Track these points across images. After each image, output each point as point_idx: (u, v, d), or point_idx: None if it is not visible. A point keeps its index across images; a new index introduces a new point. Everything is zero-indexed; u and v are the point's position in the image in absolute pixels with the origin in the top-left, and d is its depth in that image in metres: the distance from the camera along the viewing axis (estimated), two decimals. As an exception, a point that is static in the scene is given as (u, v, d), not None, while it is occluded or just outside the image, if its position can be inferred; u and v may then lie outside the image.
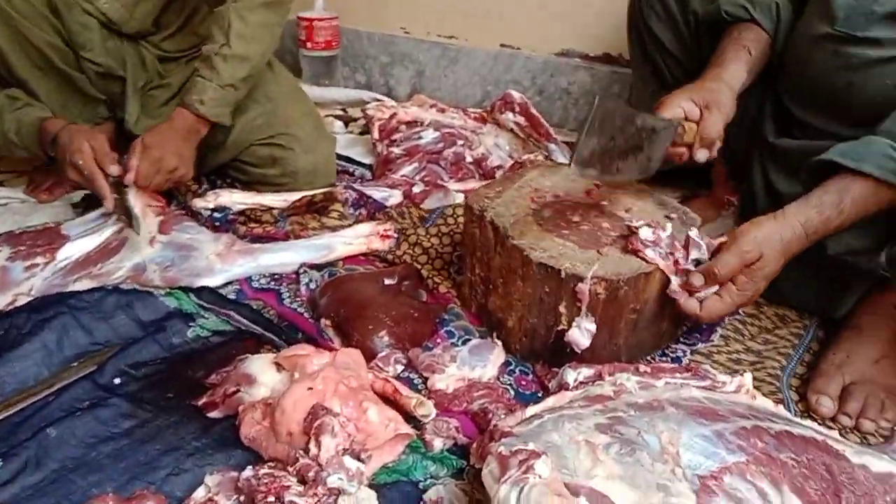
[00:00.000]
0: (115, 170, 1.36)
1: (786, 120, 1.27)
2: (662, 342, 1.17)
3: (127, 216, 1.37)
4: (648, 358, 1.15)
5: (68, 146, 1.37)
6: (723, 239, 1.05)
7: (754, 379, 1.06)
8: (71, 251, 1.32)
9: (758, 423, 0.88)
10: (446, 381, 1.06)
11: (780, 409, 0.95)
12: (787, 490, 0.79)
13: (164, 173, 1.40)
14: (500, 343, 1.15)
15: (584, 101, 2.14)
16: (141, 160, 1.37)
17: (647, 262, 1.04)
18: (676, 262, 1.05)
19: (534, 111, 1.79)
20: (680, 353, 1.17)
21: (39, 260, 1.29)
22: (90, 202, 1.57)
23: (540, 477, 0.70)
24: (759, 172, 1.28)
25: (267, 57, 1.54)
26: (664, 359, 1.15)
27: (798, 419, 0.95)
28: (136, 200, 1.37)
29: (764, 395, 0.99)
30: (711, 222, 1.44)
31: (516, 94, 1.79)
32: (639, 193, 1.24)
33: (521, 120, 1.80)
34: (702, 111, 1.11)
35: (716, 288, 1.02)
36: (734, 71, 1.17)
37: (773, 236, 1.00)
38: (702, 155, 1.13)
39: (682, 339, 1.20)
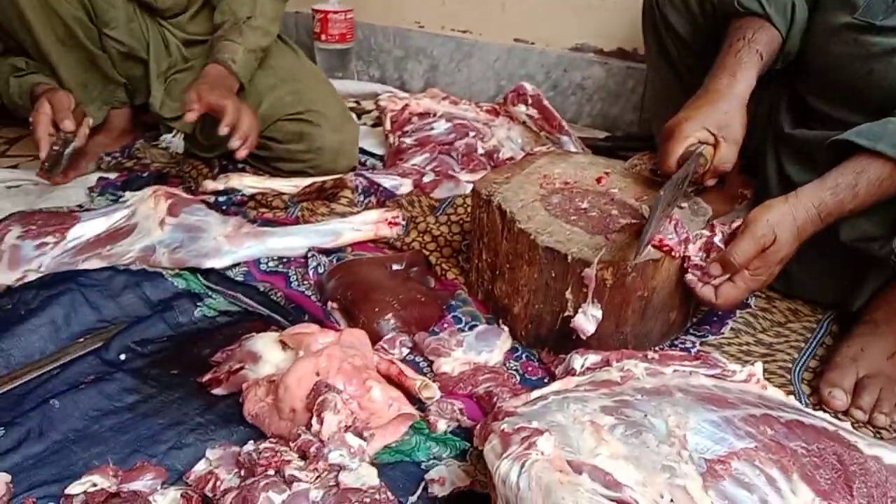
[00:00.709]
0: (68, 125, 1.45)
1: (803, 111, 1.25)
2: (671, 333, 1.15)
3: (54, 164, 1.50)
4: (657, 348, 1.13)
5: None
6: (738, 223, 1.04)
7: (765, 371, 1.04)
8: (81, 231, 1.33)
9: (768, 412, 0.86)
10: (452, 364, 1.05)
11: (791, 400, 0.93)
12: (797, 478, 0.78)
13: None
14: (506, 329, 1.14)
15: (597, 97, 2.12)
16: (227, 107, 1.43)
17: (660, 248, 1.02)
18: (687, 256, 1.04)
19: (546, 103, 1.78)
20: (689, 345, 1.15)
21: (50, 239, 1.30)
22: (104, 188, 1.58)
23: (542, 454, 0.69)
24: (773, 164, 1.26)
25: (273, 36, 1.61)
26: (673, 349, 1.14)
27: (810, 410, 0.93)
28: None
29: (775, 386, 0.97)
30: (724, 216, 1.42)
31: (529, 87, 1.79)
32: (650, 183, 1.22)
33: (533, 112, 1.79)
34: (717, 139, 1.11)
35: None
36: (747, 80, 1.14)
37: (786, 219, 0.99)
38: (712, 182, 1.17)
39: (691, 331, 1.18)
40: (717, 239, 1.04)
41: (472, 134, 1.77)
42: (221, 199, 1.48)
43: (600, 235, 1.06)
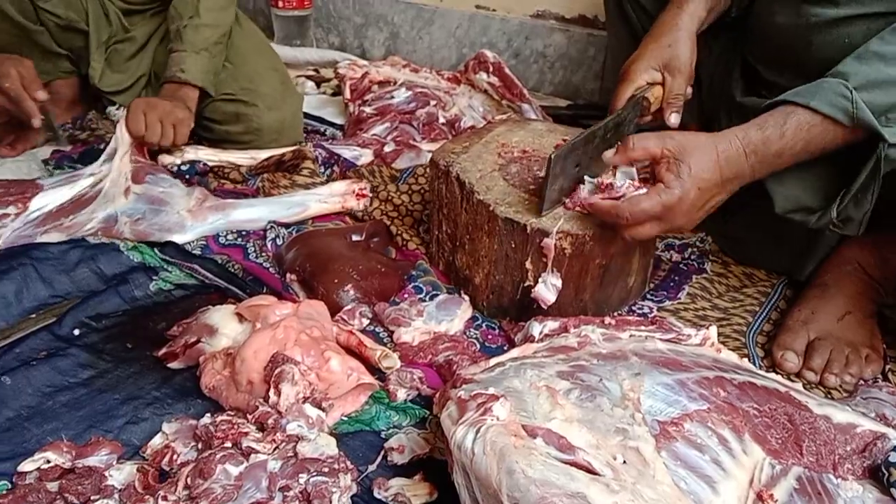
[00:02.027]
0: (42, 95, 1.39)
1: (753, 79, 1.26)
2: (629, 298, 1.17)
3: (53, 134, 1.41)
4: (615, 314, 1.15)
5: None
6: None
7: (720, 335, 1.06)
8: (44, 201, 1.29)
9: (721, 374, 0.88)
10: (412, 333, 1.06)
11: (745, 362, 0.95)
12: (749, 438, 0.80)
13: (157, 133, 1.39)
14: (467, 298, 1.14)
15: (559, 65, 2.12)
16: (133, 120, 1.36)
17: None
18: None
19: (508, 71, 1.77)
20: (647, 310, 1.17)
21: (11, 210, 1.26)
22: (59, 161, 1.53)
23: (497, 419, 0.70)
24: (725, 131, 1.27)
25: (231, 21, 1.55)
26: (631, 314, 1.15)
27: (762, 372, 0.95)
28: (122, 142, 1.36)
29: (729, 350, 0.99)
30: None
31: (490, 54, 1.78)
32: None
33: (494, 80, 1.78)
34: (664, 76, 1.11)
35: (643, 191, 0.98)
36: (692, 10, 1.13)
37: (705, 142, 0.96)
38: (675, 118, 1.13)
39: (648, 296, 1.20)
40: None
41: (433, 103, 1.76)
42: (185, 167, 1.45)
43: (559, 204, 1.06)
